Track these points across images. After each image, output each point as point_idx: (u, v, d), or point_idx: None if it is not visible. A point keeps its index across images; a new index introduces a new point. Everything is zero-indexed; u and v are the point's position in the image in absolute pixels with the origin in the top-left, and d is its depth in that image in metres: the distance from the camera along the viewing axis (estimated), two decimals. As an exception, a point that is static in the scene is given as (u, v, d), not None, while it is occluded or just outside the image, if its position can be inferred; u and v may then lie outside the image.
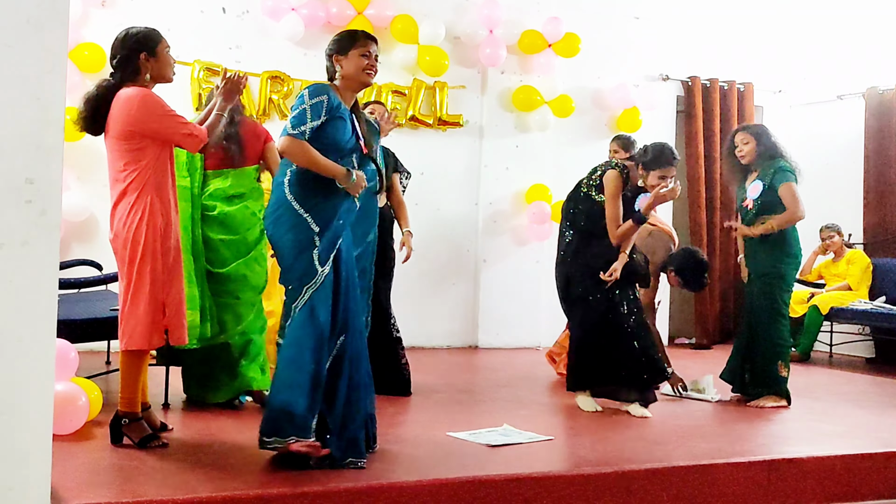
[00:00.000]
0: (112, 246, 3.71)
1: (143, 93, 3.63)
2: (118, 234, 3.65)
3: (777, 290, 5.23)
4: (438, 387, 5.54)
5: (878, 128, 8.00)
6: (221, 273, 4.52)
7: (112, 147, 3.72)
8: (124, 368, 3.66)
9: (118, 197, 3.69)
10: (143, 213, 3.61)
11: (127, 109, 3.60)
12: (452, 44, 7.30)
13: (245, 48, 6.80)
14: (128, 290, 3.62)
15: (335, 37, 3.78)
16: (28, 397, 2.69)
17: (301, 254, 3.53)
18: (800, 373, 6.83)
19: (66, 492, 2.92)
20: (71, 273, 5.42)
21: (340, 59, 3.71)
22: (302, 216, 3.54)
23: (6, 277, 2.65)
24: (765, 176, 5.21)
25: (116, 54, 3.72)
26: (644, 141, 5.14)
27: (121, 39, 3.74)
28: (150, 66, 3.71)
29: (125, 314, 3.63)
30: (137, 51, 3.70)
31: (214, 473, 3.40)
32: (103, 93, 3.68)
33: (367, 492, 3.21)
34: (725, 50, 8.34)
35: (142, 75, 3.69)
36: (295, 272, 3.55)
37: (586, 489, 3.53)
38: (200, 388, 4.63)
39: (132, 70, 3.68)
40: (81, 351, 4.18)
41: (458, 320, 7.44)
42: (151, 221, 3.62)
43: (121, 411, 3.68)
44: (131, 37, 3.73)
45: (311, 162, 3.54)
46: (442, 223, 7.38)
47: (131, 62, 3.68)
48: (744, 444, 4.26)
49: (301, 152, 3.53)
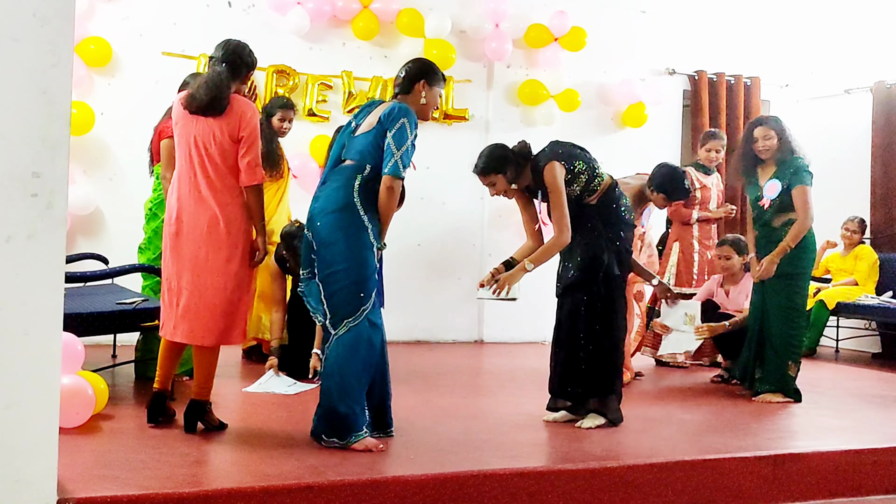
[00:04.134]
0: (216, 233, 3.75)
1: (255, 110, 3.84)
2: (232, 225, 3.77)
3: (795, 292, 5.19)
4: (444, 381, 5.55)
5: (886, 122, 7.97)
6: None
7: (220, 141, 3.78)
8: (211, 359, 3.86)
9: (232, 191, 3.79)
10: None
11: (248, 116, 3.79)
12: (458, 37, 7.29)
13: (251, 42, 6.68)
14: (235, 286, 3.77)
15: (429, 63, 3.88)
16: (34, 390, 2.70)
17: (366, 260, 3.63)
18: (806, 368, 6.78)
19: (72, 484, 2.93)
20: (77, 266, 5.43)
21: (426, 89, 3.81)
22: (366, 225, 3.64)
23: (13, 271, 2.66)
24: (783, 175, 5.14)
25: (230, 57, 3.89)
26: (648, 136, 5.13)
27: (224, 45, 3.95)
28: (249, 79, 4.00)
29: (234, 310, 3.78)
30: (250, 67, 3.96)
31: (220, 467, 3.41)
32: (220, 80, 3.80)
33: (372, 485, 3.22)
34: (732, 44, 8.31)
35: (241, 84, 3.92)
36: (362, 275, 3.62)
37: (591, 483, 3.53)
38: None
39: (238, 78, 3.89)
40: (88, 344, 4.18)
41: (464, 315, 7.44)
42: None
43: (204, 399, 3.85)
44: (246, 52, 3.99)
45: (393, 207, 3.69)
46: (447, 217, 7.38)
47: (239, 72, 3.90)
48: (749, 438, 4.25)
49: (396, 196, 3.68)
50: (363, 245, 3.63)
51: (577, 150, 4.37)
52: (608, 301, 4.27)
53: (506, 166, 4.26)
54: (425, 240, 7.25)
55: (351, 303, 3.63)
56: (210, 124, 3.75)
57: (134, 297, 4.86)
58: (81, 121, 6.14)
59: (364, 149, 3.69)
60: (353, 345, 3.62)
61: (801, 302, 5.23)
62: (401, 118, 3.64)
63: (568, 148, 4.35)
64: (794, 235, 5.10)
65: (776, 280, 5.19)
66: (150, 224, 5.15)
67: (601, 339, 4.25)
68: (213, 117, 3.74)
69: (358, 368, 3.64)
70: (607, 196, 4.34)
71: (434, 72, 3.86)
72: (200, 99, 3.75)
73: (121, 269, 4.96)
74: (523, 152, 4.34)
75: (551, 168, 4.21)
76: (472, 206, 7.50)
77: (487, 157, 4.27)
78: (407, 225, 5.29)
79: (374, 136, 3.67)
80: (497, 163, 4.26)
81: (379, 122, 3.68)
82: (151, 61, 6.49)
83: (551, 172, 4.20)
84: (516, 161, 4.30)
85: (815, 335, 7.51)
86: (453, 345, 7.32)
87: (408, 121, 3.64)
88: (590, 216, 4.31)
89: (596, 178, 4.31)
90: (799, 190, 5.08)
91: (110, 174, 6.43)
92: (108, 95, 6.41)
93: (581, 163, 4.28)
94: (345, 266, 3.61)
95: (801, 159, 5.17)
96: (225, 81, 3.77)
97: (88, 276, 4.87)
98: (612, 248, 4.28)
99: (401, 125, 3.62)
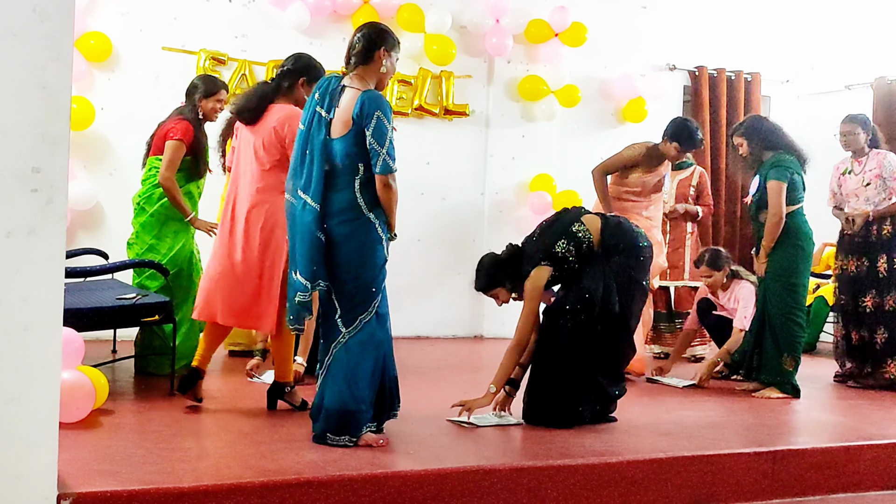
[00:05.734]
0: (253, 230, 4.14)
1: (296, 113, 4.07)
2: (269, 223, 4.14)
3: (794, 291, 5.20)
4: (443, 376, 5.55)
5: (887, 117, 7.95)
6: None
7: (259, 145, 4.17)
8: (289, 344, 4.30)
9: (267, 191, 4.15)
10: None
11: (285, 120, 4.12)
12: (459, 33, 7.28)
13: (251, 37, 6.80)
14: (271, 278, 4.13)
15: (384, 27, 3.77)
16: (35, 385, 2.70)
17: (377, 256, 3.64)
18: (806, 363, 6.78)
19: (72, 479, 2.93)
20: (77, 262, 5.42)
21: (386, 56, 3.70)
22: (372, 222, 3.63)
23: (13, 266, 2.66)
24: (762, 171, 5.24)
25: (285, 67, 4.29)
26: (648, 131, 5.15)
27: (295, 57, 4.33)
28: (305, 90, 4.17)
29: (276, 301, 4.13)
30: (299, 74, 4.25)
31: (220, 462, 3.42)
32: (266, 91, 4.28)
33: (372, 480, 3.22)
34: (733, 39, 8.30)
35: (295, 95, 4.25)
36: (371, 275, 3.63)
37: (591, 479, 3.54)
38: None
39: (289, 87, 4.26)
40: (88, 339, 4.19)
41: (464, 310, 7.44)
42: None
43: (286, 380, 4.27)
44: (300, 59, 4.31)
45: (395, 202, 3.66)
46: (447, 213, 7.38)
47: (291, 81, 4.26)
48: (748, 434, 4.26)
49: (395, 193, 3.64)
50: (374, 240, 3.64)
51: (551, 229, 4.29)
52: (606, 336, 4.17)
53: (501, 278, 4.32)
54: (425, 235, 7.25)
55: (365, 299, 3.64)
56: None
57: (134, 292, 4.86)
58: (81, 116, 6.14)
59: (349, 152, 3.60)
60: (366, 343, 3.64)
61: (800, 300, 5.24)
62: (374, 112, 3.54)
63: (545, 238, 4.27)
64: (767, 232, 5.19)
65: (774, 281, 5.21)
66: (138, 218, 5.12)
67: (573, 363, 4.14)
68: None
69: (370, 367, 3.65)
70: (605, 235, 4.25)
71: (391, 36, 3.74)
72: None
73: (121, 264, 4.95)
74: (513, 257, 4.35)
75: (534, 275, 4.21)
76: (472, 201, 7.49)
77: (482, 275, 4.37)
78: (407, 220, 5.26)
79: (354, 136, 3.58)
80: (491, 279, 4.34)
81: (353, 121, 3.58)
82: (151, 56, 6.49)
83: (531, 280, 4.21)
84: (512, 266, 4.32)
85: (815, 331, 7.51)
86: (453, 340, 7.33)
87: (381, 112, 3.56)
88: (596, 256, 4.26)
89: (583, 242, 4.22)
90: (770, 185, 5.15)
91: (110, 169, 6.42)
92: (109, 90, 6.41)
93: (562, 242, 4.21)
94: (358, 264, 3.62)
95: (781, 155, 5.22)
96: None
97: (89, 271, 4.86)
98: (613, 281, 4.16)
99: (376, 120, 3.54)
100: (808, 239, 5.25)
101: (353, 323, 3.64)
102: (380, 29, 3.75)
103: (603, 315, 4.14)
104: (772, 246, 5.18)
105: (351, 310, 3.64)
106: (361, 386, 3.62)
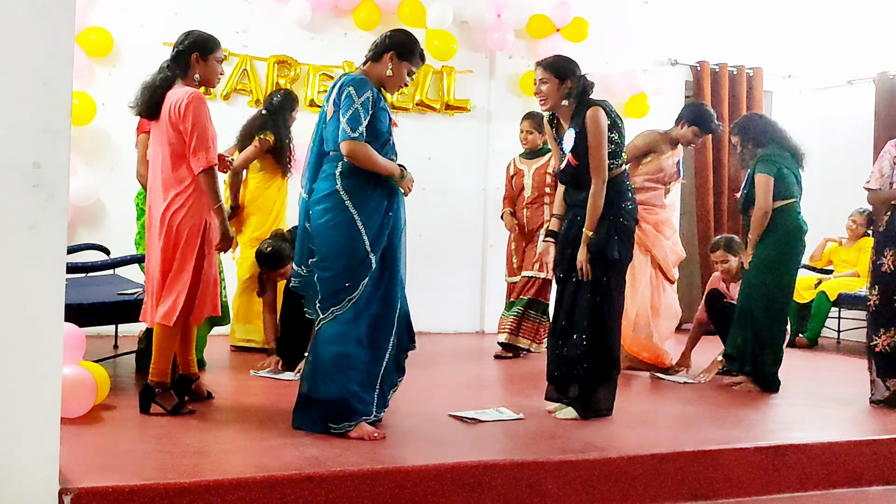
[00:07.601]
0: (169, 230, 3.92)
1: (194, 94, 3.89)
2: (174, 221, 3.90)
3: (773, 288, 5.17)
4: (444, 371, 5.55)
5: (889, 113, 7.94)
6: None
7: (164, 139, 3.94)
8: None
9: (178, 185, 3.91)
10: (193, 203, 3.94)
11: (176, 106, 3.88)
12: (460, 28, 7.27)
13: (252, 32, 6.79)
14: (168, 272, 3.91)
15: (402, 36, 3.80)
16: (36, 381, 2.71)
17: (353, 249, 3.62)
18: (807, 358, 6.82)
19: (73, 474, 2.94)
20: (78, 257, 5.43)
21: (393, 61, 3.74)
22: (350, 212, 3.63)
23: (14, 262, 2.66)
24: (751, 166, 5.28)
25: (174, 49, 4.07)
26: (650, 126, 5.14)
27: (183, 35, 4.09)
28: (202, 66, 4.02)
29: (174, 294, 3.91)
30: (191, 51, 4.02)
31: (221, 458, 3.42)
32: (160, 82, 4.02)
33: (372, 475, 3.22)
34: (735, 34, 8.28)
35: (190, 74, 4.02)
36: (345, 267, 3.63)
37: (591, 474, 3.54)
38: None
39: (184, 66, 4.02)
40: (89, 335, 4.19)
41: (465, 305, 7.45)
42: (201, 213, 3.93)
43: (152, 381, 3.94)
44: (189, 35, 4.07)
45: (372, 163, 3.62)
46: (449, 208, 7.37)
47: (184, 61, 4.02)
48: (749, 429, 4.26)
49: (365, 156, 3.61)
50: (351, 234, 3.63)
51: (620, 123, 4.27)
52: (604, 287, 4.18)
53: (568, 76, 4.20)
54: (427, 230, 7.24)
55: (337, 292, 3.65)
56: None
57: (135, 287, 4.86)
58: (82, 111, 6.14)
59: (334, 136, 3.67)
60: (341, 332, 3.65)
61: (783, 295, 5.22)
62: (345, 89, 3.60)
63: (613, 115, 4.25)
64: (752, 225, 5.21)
65: (757, 274, 5.18)
66: (141, 220, 5.12)
67: (593, 328, 4.16)
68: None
69: (349, 352, 3.65)
70: (618, 180, 4.24)
71: (408, 47, 3.77)
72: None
73: (122, 259, 4.96)
74: (585, 85, 4.25)
75: (595, 113, 4.14)
76: (473, 196, 7.49)
77: (558, 58, 4.30)
78: (408, 216, 5.25)
79: (336, 120, 3.65)
80: (563, 70, 4.22)
81: (335, 105, 3.66)
82: (152, 51, 6.43)
83: (594, 117, 4.13)
84: (577, 84, 4.22)
85: (817, 326, 7.51)
86: (455, 335, 7.33)
87: (353, 88, 3.59)
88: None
89: (619, 157, 4.23)
90: (756, 178, 5.18)
91: (111, 164, 6.42)
92: (109, 85, 6.40)
93: (616, 134, 4.20)
94: (332, 254, 3.64)
95: (767, 149, 5.22)
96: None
97: (90, 266, 4.87)
98: (613, 231, 4.17)
99: (346, 95, 3.59)
100: (799, 234, 5.21)
101: (325, 312, 3.67)
102: (401, 36, 3.82)
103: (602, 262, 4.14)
104: (757, 239, 5.18)
105: (325, 298, 3.68)
106: (339, 371, 3.63)
